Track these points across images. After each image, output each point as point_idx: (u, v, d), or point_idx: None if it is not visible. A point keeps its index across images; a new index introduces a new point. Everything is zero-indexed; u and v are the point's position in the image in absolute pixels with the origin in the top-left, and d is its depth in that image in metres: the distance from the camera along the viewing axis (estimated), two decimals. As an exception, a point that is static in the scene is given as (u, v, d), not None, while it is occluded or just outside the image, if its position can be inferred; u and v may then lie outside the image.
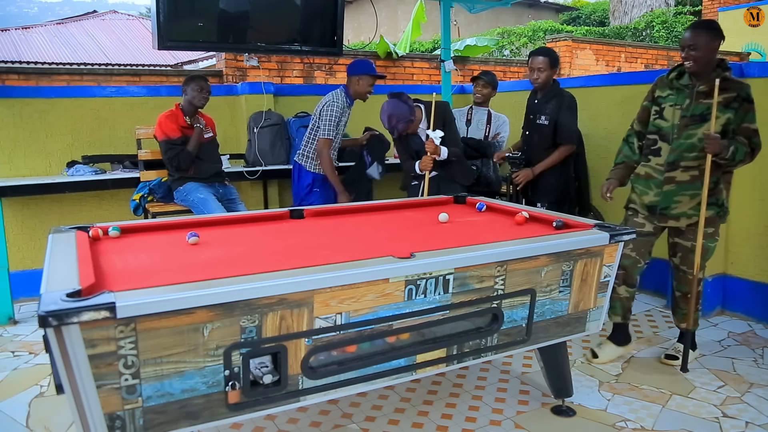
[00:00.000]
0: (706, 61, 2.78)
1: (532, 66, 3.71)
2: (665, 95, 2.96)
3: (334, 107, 3.92)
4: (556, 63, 3.73)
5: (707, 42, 2.75)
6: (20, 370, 3.15)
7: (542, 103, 3.76)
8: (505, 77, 7.45)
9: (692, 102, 2.85)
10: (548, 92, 3.75)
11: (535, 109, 3.81)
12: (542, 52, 3.72)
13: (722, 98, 2.77)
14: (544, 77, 3.68)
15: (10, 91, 4.32)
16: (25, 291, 4.20)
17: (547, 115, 3.72)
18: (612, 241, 2.36)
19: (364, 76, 3.98)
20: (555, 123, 3.70)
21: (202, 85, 3.90)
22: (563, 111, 3.69)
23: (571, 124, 3.72)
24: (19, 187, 3.93)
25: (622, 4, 13.66)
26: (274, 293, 1.70)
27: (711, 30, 2.79)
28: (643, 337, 3.50)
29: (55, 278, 1.70)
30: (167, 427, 1.65)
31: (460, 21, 13.09)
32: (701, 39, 2.76)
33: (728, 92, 2.79)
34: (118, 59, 13.27)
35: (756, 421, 2.56)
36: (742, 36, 10.87)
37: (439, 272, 1.99)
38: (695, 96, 2.84)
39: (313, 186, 4.11)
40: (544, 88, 3.75)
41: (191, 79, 3.93)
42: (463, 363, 2.22)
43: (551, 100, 3.72)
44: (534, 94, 3.86)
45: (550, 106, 3.71)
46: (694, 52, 2.77)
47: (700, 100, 2.83)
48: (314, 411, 2.64)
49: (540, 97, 3.78)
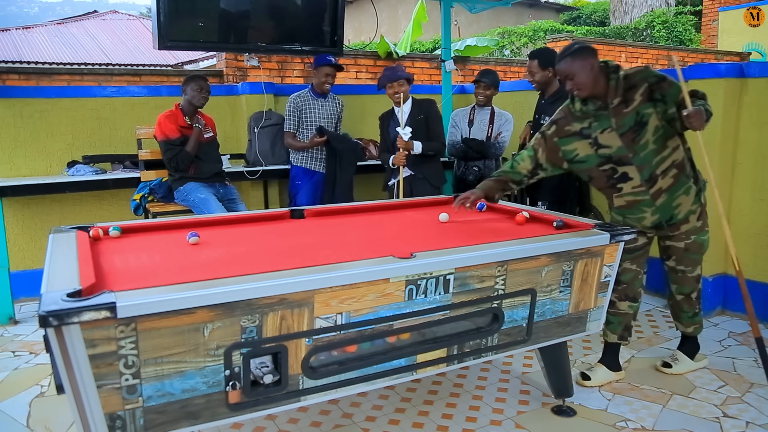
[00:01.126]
0: (592, 82, 2.61)
1: (527, 69, 3.84)
2: (588, 125, 2.72)
3: (288, 104, 4.30)
4: (548, 63, 3.75)
5: (581, 66, 2.59)
6: (21, 370, 3.15)
7: (548, 103, 3.79)
8: (506, 77, 7.44)
9: (618, 117, 2.64)
10: (555, 93, 3.78)
11: (540, 109, 3.86)
12: (533, 55, 3.81)
13: (640, 96, 2.62)
14: (538, 78, 3.76)
15: (10, 91, 4.32)
16: (26, 291, 4.21)
17: (551, 115, 3.73)
18: (612, 241, 2.36)
19: (318, 68, 4.25)
20: None
21: (201, 84, 3.90)
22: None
23: None
24: (19, 187, 3.93)
25: (623, 4, 13.66)
26: (274, 293, 1.70)
27: (579, 54, 2.61)
28: (643, 337, 3.50)
29: (55, 278, 1.70)
30: (168, 427, 1.65)
31: (461, 21, 13.10)
32: (575, 66, 2.60)
33: (638, 88, 2.62)
34: (119, 59, 13.28)
35: (756, 421, 2.56)
36: (742, 36, 10.87)
37: (439, 272, 1.99)
38: (615, 112, 2.65)
39: (296, 178, 4.38)
40: (546, 88, 3.79)
41: (190, 79, 3.93)
42: (464, 363, 2.22)
43: (557, 101, 3.73)
44: (541, 95, 3.90)
45: (555, 107, 3.71)
46: (575, 80, 2.62)
47: (623, 111, 2.64)
48: (315, 411, 2.64)
49: (546, 98, 3.83)
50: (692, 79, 3.84)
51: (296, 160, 4.39)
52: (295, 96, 4.30)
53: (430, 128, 4.03)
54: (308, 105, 4.29)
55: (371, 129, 5.31)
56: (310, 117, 4.29)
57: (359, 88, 5.66)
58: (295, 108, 4.29)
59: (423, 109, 4.05)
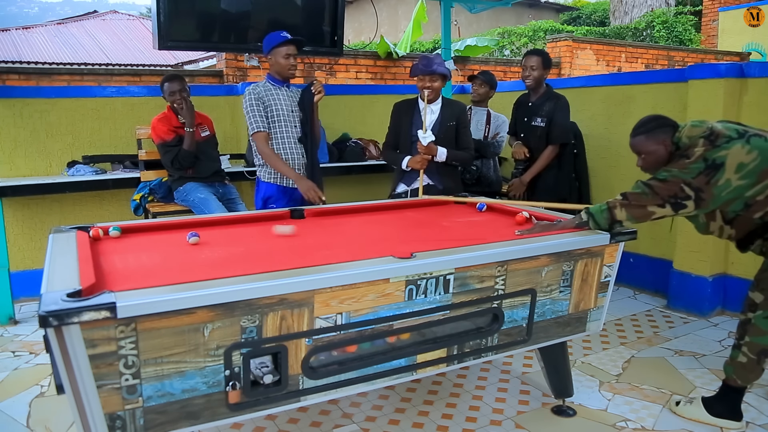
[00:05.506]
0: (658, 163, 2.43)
1: (526, 64, 3.77)
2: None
3: (246, 100, 3.37)
4: (549, 65, 3.78)
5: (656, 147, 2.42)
6: (21, 370, 3.15)
7: (537, 105, 3.82)
8: (506, 77, 7.45)
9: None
10: (543, 94, 3.81)
11: (530, 111, 3.85)
12: (537, 52, 3.81)
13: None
14: (536, 76, 3.74)
15: (10, 91, 4.32)
16: (26, 291, 4.21)
17: (542, 116, 3.76)
18: (612, 241, 2.36)
19: (274, 50, 3.39)
20: (549, 123, 3.75)
21: (172, 87, 3.84)
22: (558, 112, 3.76)
23: (565, 125, 3.79)
24: (19, 187, 3.93)
25: (623, 4, 13.67)
26: (274, 293, 1.70)
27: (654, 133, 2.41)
28: (643, 337, 3.50)
29: (55, 278, 1.70)
30: (168, 427, 1.65)
31: (461, 21, 13.10)
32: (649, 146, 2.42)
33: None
34: (119, 59, 13.27)
35: (756, 421, 2.56)
36: (742, 36, 10.87)
37: (439, 272, 1.99)
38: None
39: (269, 200, 3.47)
40: (537, 89, 3.81)
41: (162, 82, 3.89)
42: (464, 363, 2.22)
43: (546, 102, 3.78)
44: (527, 97, 3.90)
45: (546, 108, 3.76)
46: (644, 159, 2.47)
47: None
48: (315, 411, 2.64)
49: (535, 100, 3.84)
50: (692, 79, 3.85)
51: (267, 175, 3.46)
52: (253, 86, 3.41)
53: (460, 137, 3.49)
54: (271, 96, 3.39)
55: (371, 129, 5.31)
56: (276, 110, 3.39)
57: (359, 88, 5.66)
58: (257, 99, 3.35)
59: (455, 114, 3.50)
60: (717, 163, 2.25)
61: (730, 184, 2.25)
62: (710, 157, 2.26)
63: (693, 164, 2.27)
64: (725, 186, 2.25)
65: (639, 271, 4.36)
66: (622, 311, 3.95)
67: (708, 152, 2.27)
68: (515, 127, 4.02)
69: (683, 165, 2.29)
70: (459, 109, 3.55)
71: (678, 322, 3.75)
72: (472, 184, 4.23)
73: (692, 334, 3.55)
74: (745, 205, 2.34)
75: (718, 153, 2.26)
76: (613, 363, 3.15)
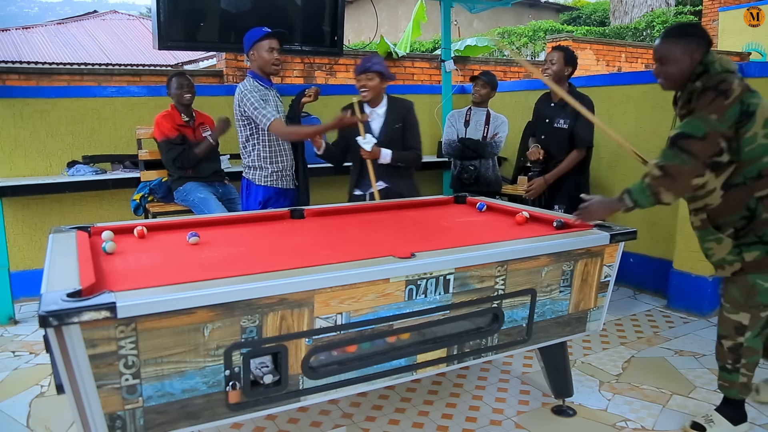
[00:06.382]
0: (681, 77, 2.23)
1: (547, 58, 3.76)
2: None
3: (249, 94, 3.30)
4: (572, 62, 3.73)
5: (682, 54, 2.19)
6: (21, 370, 3.15)
7: (560, 106, 3.73)
8: (506, 77, 7.45)
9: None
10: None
11: (552, 113, 3.79)
12: (561, 48, 3.76)
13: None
14: (555, 70, 3.68)
15: (10, 91, 4.32)
16: (26, 291, 4.20)
17: (566, 118, 3.70)
18: (612, 241, 2.36)
19: (255, 46, 3.35)
20: (573, 126, 3.68)
21: (180, 82, 3.94)
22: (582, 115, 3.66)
23: (590, 127, 3.63)
24: (19, 187, 3.93)
25: (623, 4, 13.67)
26: (274, 293, 1.70)
27: (684, 37, 2.20)
28: (643, 337, 3.50)
29: (55, 278, 1.70)
30: (168, 427, 1.65)
31: (461, 21, 13.10)
32: (675, 51, 2.20)
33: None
34: (119, 59, 13.28)
35: (756, 420, 2.56)
36: (742, 36, 10.87)
37: (439, 272, 1.99)
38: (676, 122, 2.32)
39: (267, 204, 3.47)
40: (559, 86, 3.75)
41: (170, 78, 3.99)
42: (464, 363, 2.22)
43: (567, 105, 3.70)
44: (548, 98, 3.86)
45: (569, 109, 3.67)
46: (663, 67, 2.25)
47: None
48: (315, 411, 2.64)
49: (557, 100, 3.75)
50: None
51: (264, 179, 3.45)
52: (248, 85, 3.34)
53: (407, 137, 3.46)
54: (268, 95, 3.40)
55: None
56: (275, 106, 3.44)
57: (359, 88, 5.65)
58: (259, 96, 3.31)
59: (400, 115, 3.46)
60: (750, 110, 2.01)
61: (755, 140, 2.01)
62: (746, 101, 2.02)
63: (730, 108, 2.01)
64: (751, 140, 2.02)
65: (639, 271, 4.36)
66: (622, 311, 3.95)
67: (745, 95, 2.03)
68: (534, 127, 3.97)
69: (721, 109, 2.01)
70: (404, 109, 3.50)
71: (678, 322, 3.75)
72: (470, 183, 4.23)
73: (692, 334, 3.55)
74: (758, 174, 2.10)
75: (753, 99, 2.03)
76: (613, 363, 3.15)
